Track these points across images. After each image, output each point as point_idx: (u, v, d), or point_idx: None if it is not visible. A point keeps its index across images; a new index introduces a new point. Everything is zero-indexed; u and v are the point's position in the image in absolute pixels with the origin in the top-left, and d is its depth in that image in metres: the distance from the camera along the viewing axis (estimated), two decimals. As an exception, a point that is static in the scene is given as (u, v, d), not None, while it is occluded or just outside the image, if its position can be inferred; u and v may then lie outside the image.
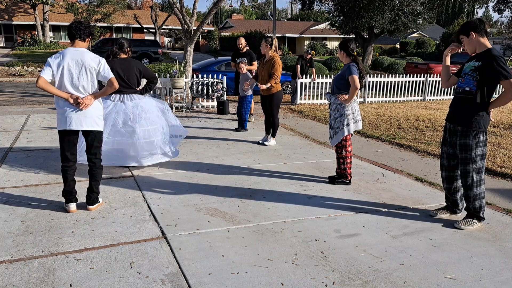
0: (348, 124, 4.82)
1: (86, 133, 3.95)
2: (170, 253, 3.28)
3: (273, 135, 6.93)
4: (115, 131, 5.07)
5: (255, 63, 8.58)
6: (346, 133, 4.83)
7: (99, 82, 4.05)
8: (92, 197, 4.05)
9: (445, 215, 4.13)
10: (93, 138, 3.98)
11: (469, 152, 3.70)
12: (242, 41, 8.80)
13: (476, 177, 3.76)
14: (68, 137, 3.90)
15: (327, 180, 5.14)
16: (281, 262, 3.20)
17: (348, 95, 4.77)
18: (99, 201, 4.16)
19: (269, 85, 6.57)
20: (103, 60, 3.88)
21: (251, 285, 2.89)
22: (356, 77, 4.67)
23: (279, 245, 3.47)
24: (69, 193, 3.98)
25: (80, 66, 3.77)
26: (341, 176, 5.04)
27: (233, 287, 2.86)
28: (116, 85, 3.87)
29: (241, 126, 7.93)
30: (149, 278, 2.93)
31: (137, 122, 5.09)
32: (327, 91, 4.54)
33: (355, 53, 4.88)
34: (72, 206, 4.00)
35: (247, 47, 8.86)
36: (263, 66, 6.75)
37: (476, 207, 3.83)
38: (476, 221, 3.88)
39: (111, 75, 3.87)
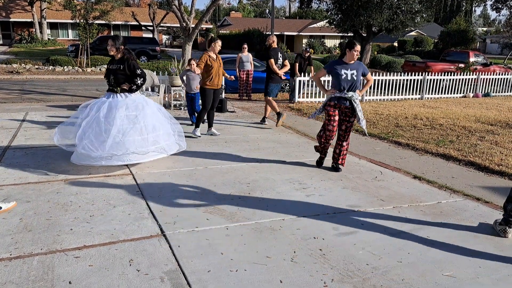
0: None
1: None
2: (169, 251, 3.29)
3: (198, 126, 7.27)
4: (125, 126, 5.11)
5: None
6: None
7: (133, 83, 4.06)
8: None
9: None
10: None
11: None
12: (275, 39, 8.75)
13: None
14: None
15: (330, 169, 5.59)
16: (280, 259, 3.21)
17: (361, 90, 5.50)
18: None
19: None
20: None
21: (250, 282, 2.90)
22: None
23: (277, 243, 3.48)
24: None
25: None
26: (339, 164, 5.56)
27: (232, 284, 2.87)
28: None
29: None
30: (148, 276, 2.94)
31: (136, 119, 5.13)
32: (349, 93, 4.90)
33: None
34: None
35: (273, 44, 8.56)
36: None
37: None
38: None
39: None
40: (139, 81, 5.24)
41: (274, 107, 8.14)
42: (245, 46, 11.68)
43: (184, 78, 8.12)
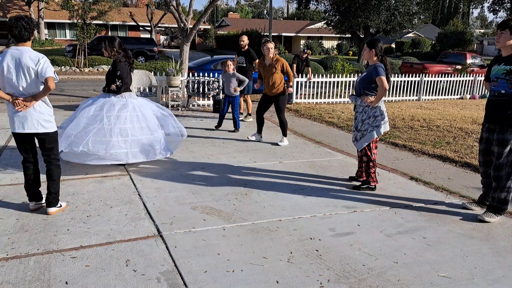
0: (378, 126, 4.66)
1: (36, 135, 3.82)
2: (165, 251, 3.29)
3: (284, 134, 7.00)
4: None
5: (256, 62, 8.63)
6: (375, 135, 4.69)
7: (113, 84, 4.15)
8: (50, 198, 3.89)
9: (476, 208, 4.39)
10: (42, 140, 3.84)
11: (506, 147, 3.89)
12: (245, 39, 8.84)
13: (509, 169, 3.95)
14: (18, 139, 3.81)
15: (345, 182, 5.18)
16: (276, 260, 3.22)
17: (374, 96, 4.64)
18: (60, 205, 3.99)
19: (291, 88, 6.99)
20: (43, 59, 3.66)
21: (246, 283, 2.91)
22: (384, 78, 4.48)
23: (274, 244, 3.48)
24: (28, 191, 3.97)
25: (18, 66, 3.61)
26: (365, 182, 4.89)
27: (228, 285, 2.87)
28: (51, 85, 3.61)
29: (236, 127, 7.87)
30: (145, 276, 2.94)
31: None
32: (351, 92, 4.34)
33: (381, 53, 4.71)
34: (31, 204, 3.99)
35: (247, 46, 8.88)
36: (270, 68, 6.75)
37: (502, 198, 4.01)
38: (497, 215, 4.10)
39: (48, 74, 3.62)
40: (117, 83, 5.21)
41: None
42: (243, 46, 11.67)
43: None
